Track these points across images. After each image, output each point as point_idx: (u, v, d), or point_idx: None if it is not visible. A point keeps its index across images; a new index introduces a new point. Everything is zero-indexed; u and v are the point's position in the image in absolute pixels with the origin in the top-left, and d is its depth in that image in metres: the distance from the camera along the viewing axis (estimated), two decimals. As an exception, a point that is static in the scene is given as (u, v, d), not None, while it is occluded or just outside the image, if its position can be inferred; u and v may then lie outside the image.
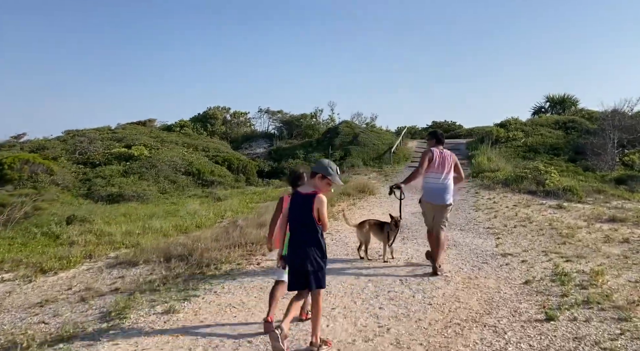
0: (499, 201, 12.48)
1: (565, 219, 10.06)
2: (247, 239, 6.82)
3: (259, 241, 6.77)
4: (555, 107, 34.09)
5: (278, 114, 34.41)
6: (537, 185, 14.37)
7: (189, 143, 26.03)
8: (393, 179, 18.05)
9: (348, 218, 6.46)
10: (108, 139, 25.70)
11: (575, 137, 24.76)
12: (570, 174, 18.28)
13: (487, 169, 17.87)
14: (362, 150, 24.77)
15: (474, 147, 24.44)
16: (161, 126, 33.77)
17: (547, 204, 12.15)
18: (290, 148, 27.61)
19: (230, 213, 11.49)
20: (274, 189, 17.87)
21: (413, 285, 5.16)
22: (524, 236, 8.04)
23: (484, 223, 9.34)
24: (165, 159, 20.39)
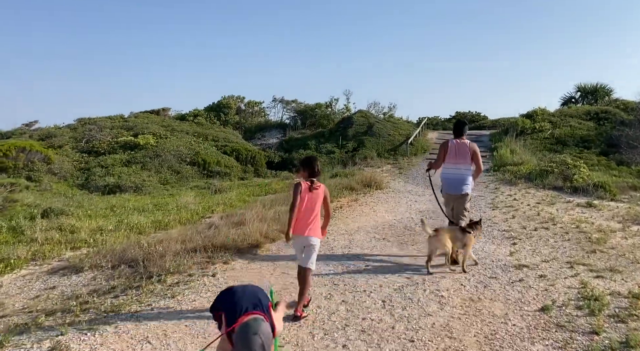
0: (520, 198, 11.22)
1: (595, 221, 8.80)
2: (214, 242, 5.85)
3: (224, 246, 5.78)
4: (586, 97, 32.02)
5: (292, 103, 33.32)
6: (563, 180, 13.00)
7: (200, 133, 25.27)
8: (407, 172, 16.89)
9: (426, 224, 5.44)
10: (118, 128, 25.18)
11: (608, 129, 22.97)
12: (601, 169, 16.73)
13: (510, 163, 16.49)
14: (377, 141, 23.52)
15: (498, 139, 22.92)
16: (175, 115, 33.18)
17: (574, 202, 10.84)
18: (302, 139, 26.55)
19: (222, 207, 10.57)
20: (279, 182, 16.91)
21: (397, 310, 4.10)
22: (545, 242, 6.85)
23: (499, 224, 8.16)
24: (171, 149, 19.66)
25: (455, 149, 5.91)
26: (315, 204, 4.12)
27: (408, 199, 11.17)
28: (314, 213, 4.12)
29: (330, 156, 22.76)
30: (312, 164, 4.16)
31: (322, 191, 4.18)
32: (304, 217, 4.09)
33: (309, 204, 4.10)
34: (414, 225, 8.12)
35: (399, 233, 7.39)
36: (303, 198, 4.09)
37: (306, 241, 4.09)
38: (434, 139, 25.93)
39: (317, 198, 4.13)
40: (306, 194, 4.10)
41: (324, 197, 4.20)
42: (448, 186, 6.02)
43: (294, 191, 4.14)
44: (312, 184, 4.12)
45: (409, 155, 21.78)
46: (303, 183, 4.13)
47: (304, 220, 4.08)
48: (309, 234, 4.08)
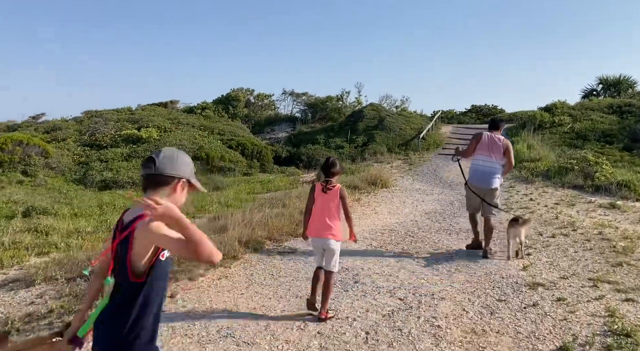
0: (537, 198, 10.38)
1: (620, 225, 7.95)
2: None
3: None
4: (609, 89, 30.65)
5: (303, 96, 32.56)
6: (584, 179, 12.08)
7: (206, 126, 24.74)
8: (418, 169, 16.11)
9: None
10: (123, 121, 24.82)
11: (632, 123, 21.77)
12: (625, 165, 15.69)
13: (527, 159, 15.55)
14: (388, 135, 22.67)
15: (514, 133, 21.88)
16: (184, 107, 32.75)
17: (596, 203, 9.98)
18: (311, 133, 25.80)
19: (216, 207, 9.95)
20: (283, 178, 16.26)
21: (382, 346, 3.37)
22: (564, 252, 6.05)
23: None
24: (173, 143, 19.12)
25: (489, 142, 5.92)
26: (329, 205, 4.00)
27: (414, 199, 10.41)
28: (329, 215, 3.99)
29: (339, 151, 21.99)
30: (325, 165, 4.11)
31: (337, 192, 4.02)
32: (319, 218, 4.01)
33: (323, 206, 4.01)
34: (417, 230, 7.37)
35: (399, 240, 6.66)
36: (317, 199, 4.04)
37: (324, 243, 4.01)
38: (447, 133, 24.98)
39: (331, 199, 4.00)
40: (320, 196, 4.03)
41: (341, 197, 4.03)
42: (477, 179, 5.99)
43: (309, 193, 4.15)
44: (327, 184, 4.02)
45: (420, 150, 20.95)
46: (317, 184, 4.10)
47: (320, 222, 4.00)
48: (326, 236, 3.98)
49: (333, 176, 4.07)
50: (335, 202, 4.01)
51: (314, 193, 4.06)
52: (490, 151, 5.89)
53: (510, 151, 6.01)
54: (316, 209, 4.04)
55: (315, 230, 4.03)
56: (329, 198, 4.00)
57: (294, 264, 5.33)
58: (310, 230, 4.07)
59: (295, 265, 5.30)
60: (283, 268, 5.17)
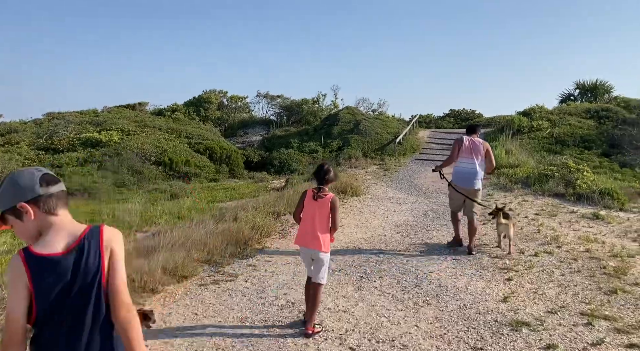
0: (517, 208, 9.64)
1: (606, 239, 7.25)
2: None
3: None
4: (585, 94, 30.55)
5: (278, 98, 31.62)
6: (565, 186, 11.45)
7: (174, 129, 23.60)
8: (393, 175, 15.32)
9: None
10: (86, 123, 23.53)
11: (610, 128, 21.50)
12: (604, 171, 15.23)
13: (505, 165, 14.90)
14: (363, 140, 21.88)
15: (493, 138, 21.32)
16: (153, 110, 31.46)
17: (579, 213, 9.30)
18: (285, 136, 24.86)
19: (165, 219, 8.92)
20: (251, 185, 15.28)
21: None
22: (549, 275, 5.25)
23: (490, 247, 6.55)
24: (135, 147, 17.96)
25: (470, 145, 6.24)
26: (319, 214, 3.77)
27: (386, 209, 9.56)
28: (319, 224, 3.76)
29: (313, 156, 21.15)
30: (318, 172, 3.88)
31: (328, 200, 3.78)
32: (308, 227, 3.80)
33: (312, 214, 3.79)
34: (384, 247, 6.49)
35: (362, 261, 5.76)
36: (306, 206, 3.83)
37: (313, 254, 3.82)
38: (425, 138, 24.34)
39: (321, 207, 3.77)
40: (310, 203, 3.80)
41: (332, 208, 3.78)
42: (462, 180, 6.27)
43: (299, 198, 3.94)
44: (319, 192, 3.80)
45: (396, 155, 20.22)
46: (309, 190, 3.88)
47: (308, 231, 3.80)
48: (315, 247, 3.77)
49: (327, 184, 3.84)
50: (325, 211, 3.77)
51: (304, 200, 3.84)
52: (472, 153, 6.23)
53: (490, 152, 6.35)
54: (305, 216, 3.83)
55: (304, 239, 3.82)
56: (319, 206, 3.77)
57: (228, 297, 4.31)
58: (298, 239, 3.87)
59: (231, 299, 4.28)
60: (213, 304, 4.15)
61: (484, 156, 6.27)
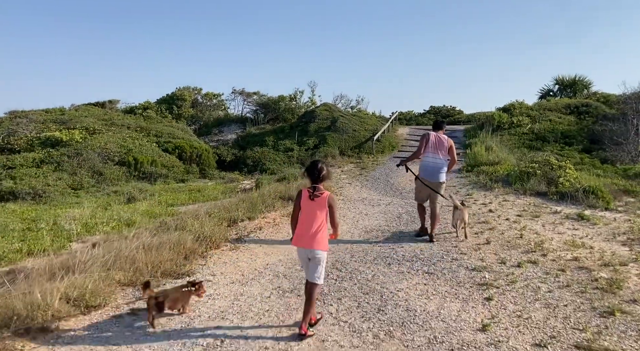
0: (498, 209, 8.99)
1: (594, 242, 6.63)
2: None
3: None
4: (565, 90, 30.35)
5: (254, 95, 30.63)
6: (548, 184, 10.88)
7: (143, 127, 22.48)
8: (369, 174, 14.61)
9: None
10: (50, 122, 22.28)
11: (590, 124, 21.18)
12: (586, 168, 14.75)
13: (485, 162, 14.30)
14: (340, 137, 21.10)
15: (472, 134, 20.81)
16: (124, 107, 30.18)
17: (562, 213, 8.70)
18: (259, 134, 23.92)
19: (112, 225, 8.00)
20: (219, 185, 14.38)
21: None
22: (535, 292, 4.54)
23: (468, 256, 5.82)
24: (97, 146, 16.86)
25: (435, 142, 6.65)
26: (316, 213, 3.72)
27: (358, 212, 8.81)
28: (316, 224, 3.71)
29: (288, 155, 20.31)
30: (312, 170, 3.78)
31: (325, 199, 3.73)
32: (305, 228, 3.74)
33: (310, 214, 3.73)
34: (349, 259, 5.70)
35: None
36: (303, 206, 3.77)
37: (310, 253, 3.73)
38: (404, 135, 23.70)
39: (318, 206, 3.72)
40: (307, 203, 3.75)
41: (329, 206, 3.74)
42: (428, 174, 6.66)
43: (295, 199, 3.86)
44: (314, 191, 3.73)
45: (374, 153, 19.52)
46: (304, 191, 3.81)
47: (305, 231, 3.73)
48: (312, 247, 3.70)
49: (321, 182, 3.75)
50: (322, 210, 3.71)
51: (300, 200, 3.76)
52: (437, 149, 6.63)
53: (453, 149, 6.73)
54: (302, 217, 3.75)
55: (301, 240, 3.74)
56: (316, 205, 3.70)
57: (141, 336, 3.40)
58: (296, 240, 3.79)
59: (145, 339, 3.44)
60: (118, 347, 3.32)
61: (448, 151, 6.67)
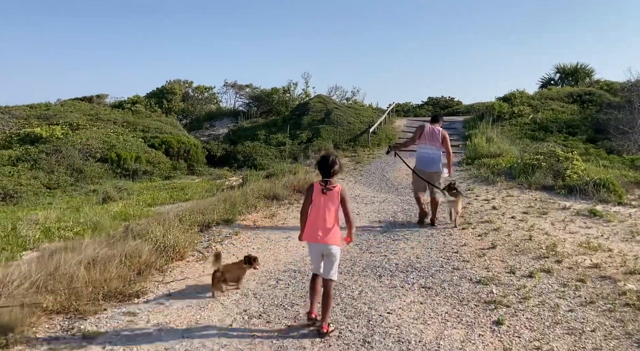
0: (501, 206, 8.22)
1: (612, 243, 5.90)
2: None
3: None
4: (566, 78, 29.49)
5: (246, 88, 29.76)
6: (554, 178, 10.10)
7: (130, 122, 21.65)
8: (364, 168, 13.82)
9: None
10: (34, 118, 21.49)
11: (594, 113, 20.38)
12: (592, 159, 13.99)
13: (486, 154, 13.51)
14: (335, 130, 20.26)
15: (472, 125, 20.00)
16: (113, 102, 29.31)
17: (572, 209, 7.95)
18: (251, 128, 23.08)
19: (76, 230, 7.21)
20: (205, 182, 13.59)
21: None
22: (553, 311, 3.78)
23: (471, 264, 5.05)
24: (77, 143, 16.03)
25: (430, 133, 6.90)
26: (329, 207, 3.58)
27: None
28: (329, 218, 3.58)
29: (280, 149, 19.49)
30: (323, 164, 3.62)
31: (337, 192, 3.60)
32: (317, 222, 3.58)
33: (322, 208, 3.59)
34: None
35: (297, 297, 4.17)
36: (315, 200, 3.63)
37: (324, 249, 3.59)
38: (402, 127, 22.86)
39: (330, 200, 3.58)
40: (319, 197, 3.61)
41: (342, 200, 3.62)
42: (424, 164, 6.89)
43: (305, 193, 3.74)
44: (326, 184, 3.60)
45: (370, 146, 18.70)
46: (316, 184, 3.66)
47: (318, 226, 3.57)
48: (326, 241, 3.55)
49: (333, 176, 3.67)
50: (335, 204, 3.63)
51: (312, 194, 3.67)
52: (431, 140, 6.90)
53: (447, 140, 7.01)
54: (314, 211, 3.65)
55: (314, 235, 3.62)
56: (328, 199, 3.61)
57: None
58: (307, 235, 3.67)
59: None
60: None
61: (441, 142, 6.91)
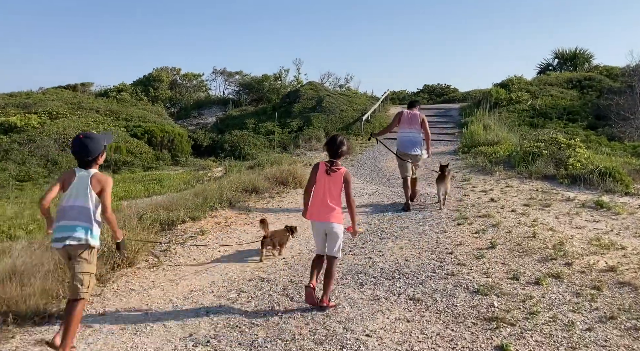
0: (500, 197, 7.55)
1: (625, 241, 5.30)
2: None
3: None
4: (565, 64, 28.74)
5: (236, 75, 28.82)
6: (556, 166, 9.43)
7: (113, 110, 20.80)
8: (355, 158, 13.15)
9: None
10: (12, 106, 20.58)
11: (594, 98, 19.71)
12: (593, 146, 13.36)
13: (483, 142, 12.81)
14: (327, 118, 19.49)
15: (469, 112, 19.27)
16: (99, 90, 28.37)
17: (577, 201, 7.30)
18: (240, 117, 22.26)
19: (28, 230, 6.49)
20: (187, 174, 12.85)
21: None
22: (568, 332, 3.11)
23: (468, 268, 4.36)
24: (53, 132, 15.22)
25: (408, 117, 7.21)
26: (333, 188, 3.64)
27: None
28: (332, 198, 3.63)
29: (269, 138, 18.72)
30: (331, 145, 3.70)
31: (341, 175, 3.65)
32: (321, 201, 3.65)
33: (326, 188, 3.65)
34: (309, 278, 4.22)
35: (258, 315, 3.48)
36: (319, 180, 3.68)
37: (327, 227, 3.63)
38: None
39: (334, 182, 3.64)
40: (323, 177, 3.67)
41: (345, 182, 3.65)
42: (404, 147, 7.15)
43: (310, 172, 3.78)
44: (331, 165, 3.65)
45: (363, 134, 17.99)
46: (321, 164, 3.73)
47: (321, 205, 3.64)
48: (329, 220, 3.61)
49: (340, 157, 3.70)
50: (338, 186, 3.64)
51: (317, 174, 3.68)
52: (410, 124, 7.15)
53: (425, 122, 7.24)
54: (317, 191, 3.68)
55: (317, 213, 3.65)
56: (332, 180, 3.64)
57: None
58: (311, 213, 3.70)
59: None
60: None
61: (421, 125, 7.16)
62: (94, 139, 3.02)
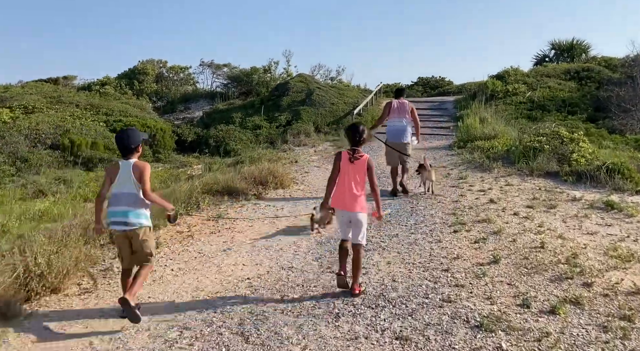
0: (501, 198, 6.83)
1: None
2: None
3: None
4: (562, 55, 28.05)
5: (224, 68, 27.90)
6: (559, 162, 8.73)
7: (94, 104, 19.88)
8: (344, 151, 12.22)
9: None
10: (-13, 101, 19.62)
11: (593, 90, 19.06)
12: (594, 139, 12.68)
13: (480, 136, 12.08)
14: (316, 112, 18.65)
15: (464, 105, 18.51)
16: (83, 84, 27.39)
17: (584, 201, 6.63)
18: (226, 111, 21.38)
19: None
20: (165, 171, 12.03)
21: None
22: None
23: (468, 292, 3.62)
24: (25, 127, 14.33)
25: (397, 107, 7.35)
26: (357, 176, 3.72)
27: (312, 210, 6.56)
28: (356, 186, 3.72)
29: (256, 133, 17.90)
30: (351, 133, 3.79)
31: (365, 162, 3.73)
32: (345, 190, 3.74)
33: (350, 176, 3.72)
34: (273, 307, 3.46)
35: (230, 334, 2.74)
36: (343, 168, 3.75)
37: (351, 216, 3.73)
38: (388, 108, 21.32)
39: (358, 169, 3.73)
40: (347, 165, 3.74)
41: (368, 168, 3.73)
42: (393, 136, 7.33)
43: (333, 161, 3.86)
44: (354, 153, 3.72)
45: (354, 128, 17.17)
46: (344, 153, 3.81)
47: (346, 193, 3.73)
48: (354, 209, 3.71)
49: (361, 145, 3.79)
50: (362, 172, 3.73)
51: (340, 162, 3.75)
52: (400, 113, 7.35)
53: (414, 111, 7.53)
54: (342, 179, 3.75)
55: (342, 202, 3.75)
56: (355, 168, 3.72)
57: None
58: (336, 202, 3.78)
59: None
60: None
61: (410, 114, 7.34)
62: (135, 131, 3.51)
